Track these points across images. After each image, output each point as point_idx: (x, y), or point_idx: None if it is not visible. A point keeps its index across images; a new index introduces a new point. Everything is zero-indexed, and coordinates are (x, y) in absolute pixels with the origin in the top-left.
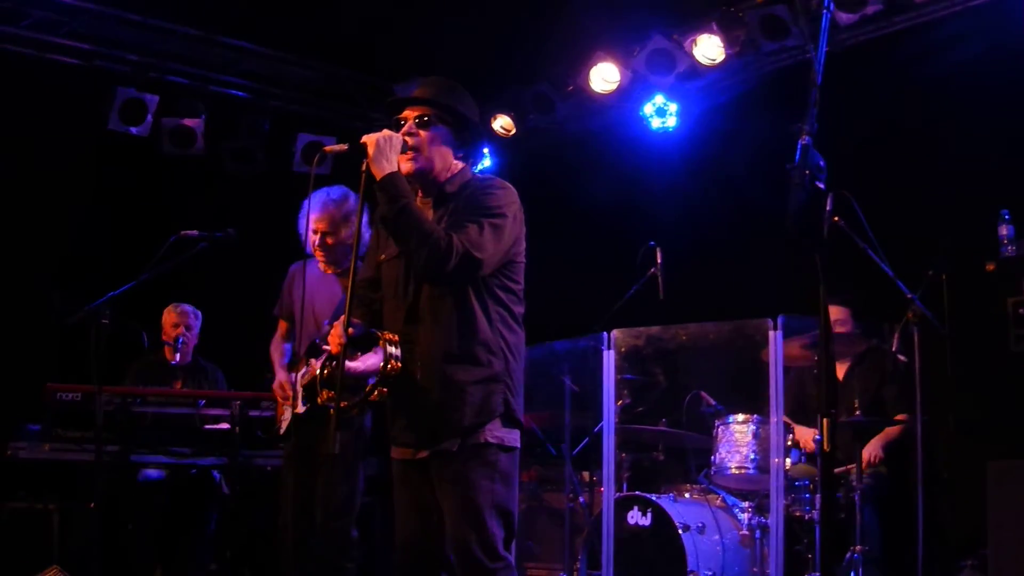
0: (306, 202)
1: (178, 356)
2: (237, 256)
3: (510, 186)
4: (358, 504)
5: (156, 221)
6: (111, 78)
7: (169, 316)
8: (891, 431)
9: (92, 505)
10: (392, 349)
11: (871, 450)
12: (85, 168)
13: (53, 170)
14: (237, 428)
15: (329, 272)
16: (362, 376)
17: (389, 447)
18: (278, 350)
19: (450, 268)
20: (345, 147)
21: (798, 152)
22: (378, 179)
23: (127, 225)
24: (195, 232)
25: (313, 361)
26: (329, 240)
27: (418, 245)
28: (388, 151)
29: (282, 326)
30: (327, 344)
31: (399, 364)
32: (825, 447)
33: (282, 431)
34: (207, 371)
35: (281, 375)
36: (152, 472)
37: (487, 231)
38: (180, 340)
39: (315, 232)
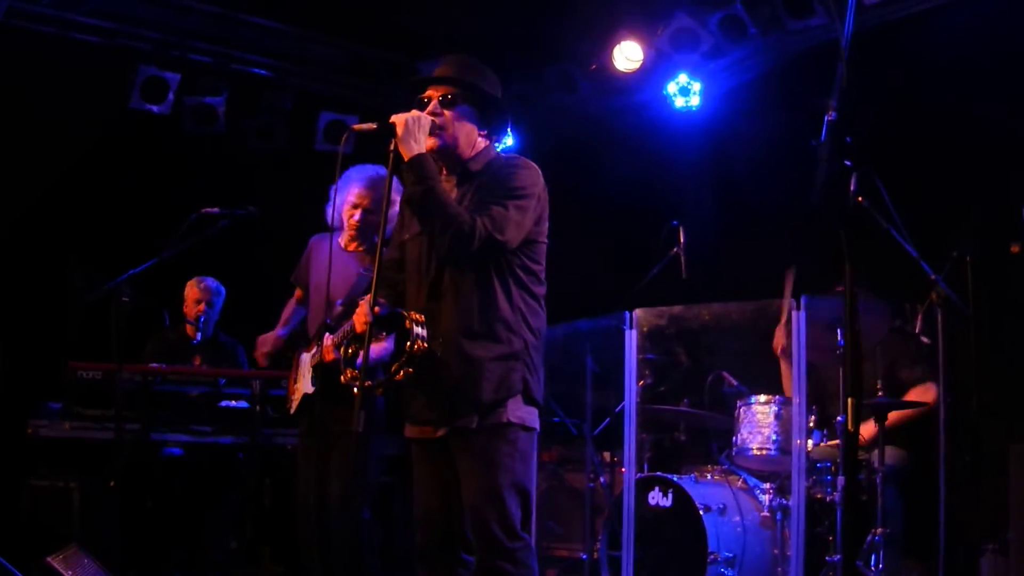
0: (348, 173)
1: (199, 335)
2: (258, 234)
3: (534, 165)
4: (371, 484)
5: (177, 199)
6: (133, 56)
7: (192, 291)
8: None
9: (112, 483)
10: (418, 329)
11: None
12: (107, 146)
13: (75, 148)
14: (258, 407)
15: (352, 248)
16: (377, 361)
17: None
18: (289, 309)
19: (473, 250)
20: (374, 126)
21: (824, 128)
22: (406, 159)
23: (148, 203)
24: (216, 210)
25: (326, 339)
26: (370, 217)
27: (443, 228)
28: (417, 132)
29: (297, 293)
30: (342, 324)
31: (425, 344)
32: (850, 428)
33: (293, 410)
34: (227, 346)
35: (277, 331)
36: (173, 448)
37: (511, 212)
38: (202, 318)
39: (355, 207)
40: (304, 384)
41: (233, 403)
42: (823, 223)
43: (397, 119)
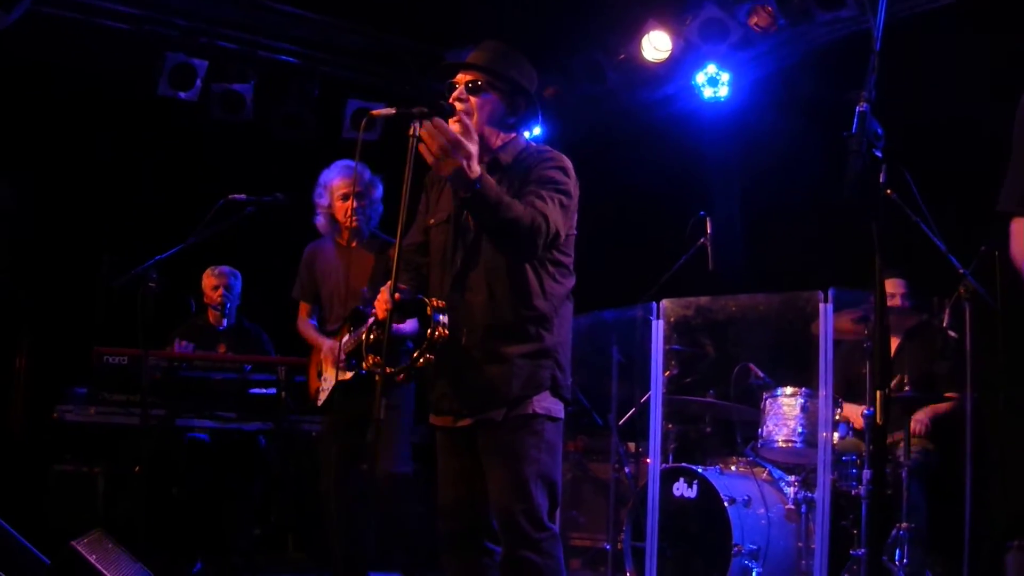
0: (321, 178)
1: (225, 321)
2: (285, 221)
3: (567, 159)
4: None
5: (205, 185)
6: (161, 43)
7: (208, 279)
8: (940, 406)
9: (137, 468)
10: (440, 316)
11: (919, 419)
12: (134, 132)
13: (103, 134)
14: (283, 393)
15: (354, 246)
16: (403, 337)
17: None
18: (308, 327)
19: (539, 249)
20: (393, 111)
21: (856, 119)
22: (462, 195)
23: (176, 189)
24: (243, 196)
25: (357, 328)
26: (364, 201)
27: (526, 236)
28: (455, 152)
29: (304, 308)
30: (372, 309)
31: (446, 331)
32: (878, 421)
33: (321, 402)
34: (251, 332)
35: (327, 342)
36: (198, 433)
37: (558, 208)
38: (226, 304)
39: (345, 198)
40: (336, 373)
41: (258, 389)
42: (853, 216)
43: (425, 136)
